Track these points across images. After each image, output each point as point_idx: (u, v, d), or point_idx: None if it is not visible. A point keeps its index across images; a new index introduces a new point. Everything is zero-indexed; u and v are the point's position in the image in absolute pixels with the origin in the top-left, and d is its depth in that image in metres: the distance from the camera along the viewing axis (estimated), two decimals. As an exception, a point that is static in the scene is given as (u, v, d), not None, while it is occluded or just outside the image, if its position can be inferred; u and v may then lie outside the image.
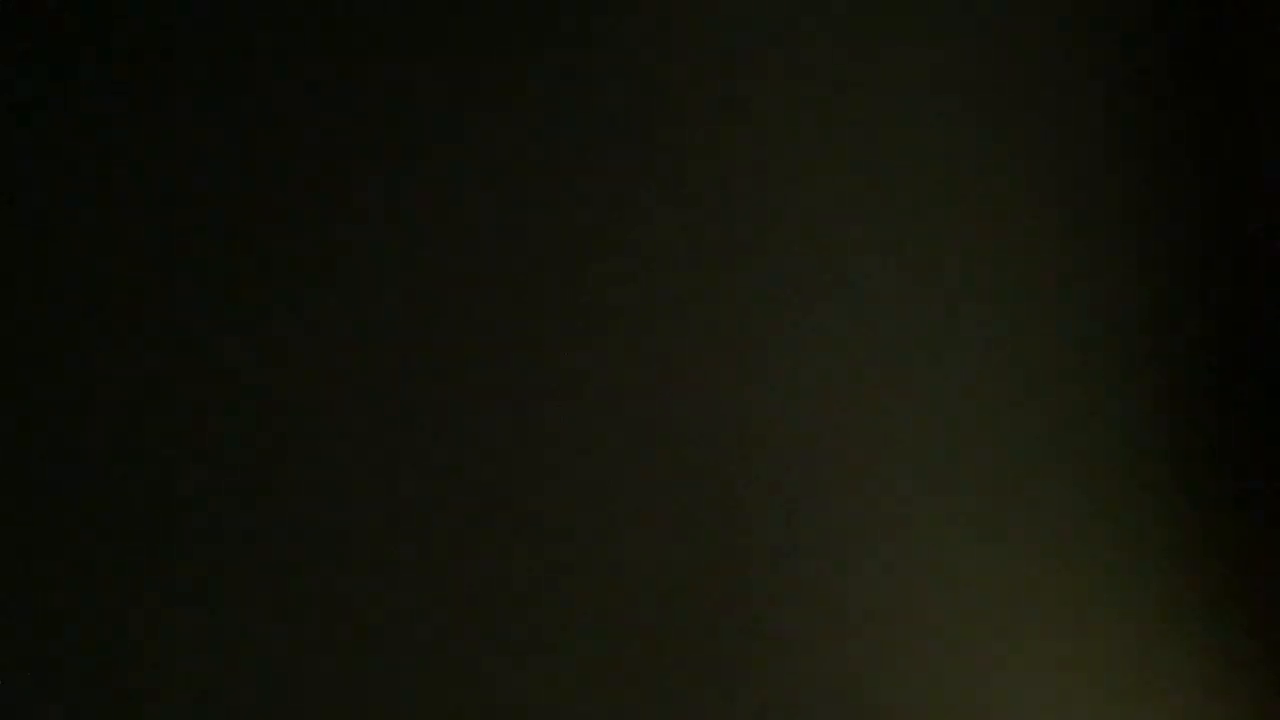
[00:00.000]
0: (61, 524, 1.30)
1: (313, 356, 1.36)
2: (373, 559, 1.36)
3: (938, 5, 1.52)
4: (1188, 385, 1.57)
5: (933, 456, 1.50)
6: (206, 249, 1.34)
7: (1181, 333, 1.57)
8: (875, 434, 1.48)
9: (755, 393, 1.45)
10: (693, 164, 1.45)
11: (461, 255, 1.39)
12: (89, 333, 1.31)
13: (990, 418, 1.51)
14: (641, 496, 1.42)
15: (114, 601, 1.30)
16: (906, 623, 1.48)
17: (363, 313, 1.37)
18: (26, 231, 1.30)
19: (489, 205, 1.40)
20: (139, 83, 1.33)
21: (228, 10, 1.35)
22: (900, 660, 1.48)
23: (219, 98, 1.34)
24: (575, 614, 1.40)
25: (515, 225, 1.41)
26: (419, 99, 1.39)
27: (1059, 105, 1.55)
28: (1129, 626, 1.54)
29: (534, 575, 1.39)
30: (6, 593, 1.28)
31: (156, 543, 1.31)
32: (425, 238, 1.39)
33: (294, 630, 1.34)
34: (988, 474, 1.51)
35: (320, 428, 1.35)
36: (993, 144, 1.53)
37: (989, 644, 1.50)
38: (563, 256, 1.41)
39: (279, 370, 1.35)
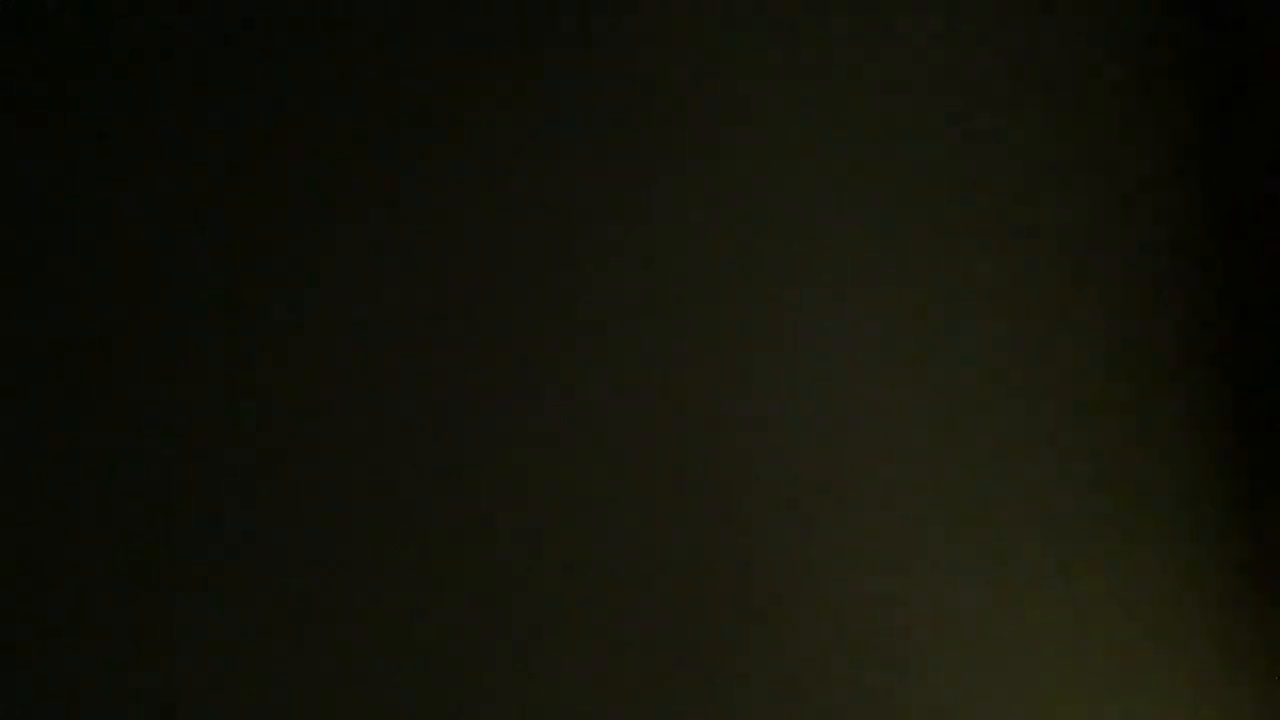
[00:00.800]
0: (61, 524, 1.30)
1: (313, 356, 1.36)
2: (373, 559, 1.36)
3: (938, 5, 1.52)
4: (1190, 385, 1.58)
5: (935, 456, 1.50)
6: (206, 249, 1.34)
7: (1183, 332, 1.57)
8: (876, 434, 1.48)
9: (756, 393, 1.45)
10: (693, 164, 1.45)
11: (461, 255, 1.39)
12: (89, 333, 1.31)
13: (991, 418, 1.51)
14: (642, 496, 1.42)
15: (115, 601, 1.30)
16: (907, 622, 1.48)
17: (363, 313, 1.37)
18: (26, 231, 1.30)
19: (489, 205, 1.40)
20: (139, 83, 1.33)
21: (228, 10, 1.35)
22: (901, 660, 1.48)
23: (219, 98, 1.34)
24: (575, 614, 1.40)
25: (515, 225, 1.41)
26: (419, 99, 1.39)
27: (1059, 104, 1.55)
28: (1131, 626, 1.54)
29: (534, 575, 1.39)
30: (7, 593, 1.28)
31: (157, 543, 1.31)
32: (425, 238, 1.39)
33: (294, 630, 1.34)
34: (989, 474, 1.51)
35: (320, 428, 1.35)
36: (993, 143, 1.53)
37: (990, 643, 1.50)
38: (562, 256, 1.42)
39: (279, 370, 1.35)
